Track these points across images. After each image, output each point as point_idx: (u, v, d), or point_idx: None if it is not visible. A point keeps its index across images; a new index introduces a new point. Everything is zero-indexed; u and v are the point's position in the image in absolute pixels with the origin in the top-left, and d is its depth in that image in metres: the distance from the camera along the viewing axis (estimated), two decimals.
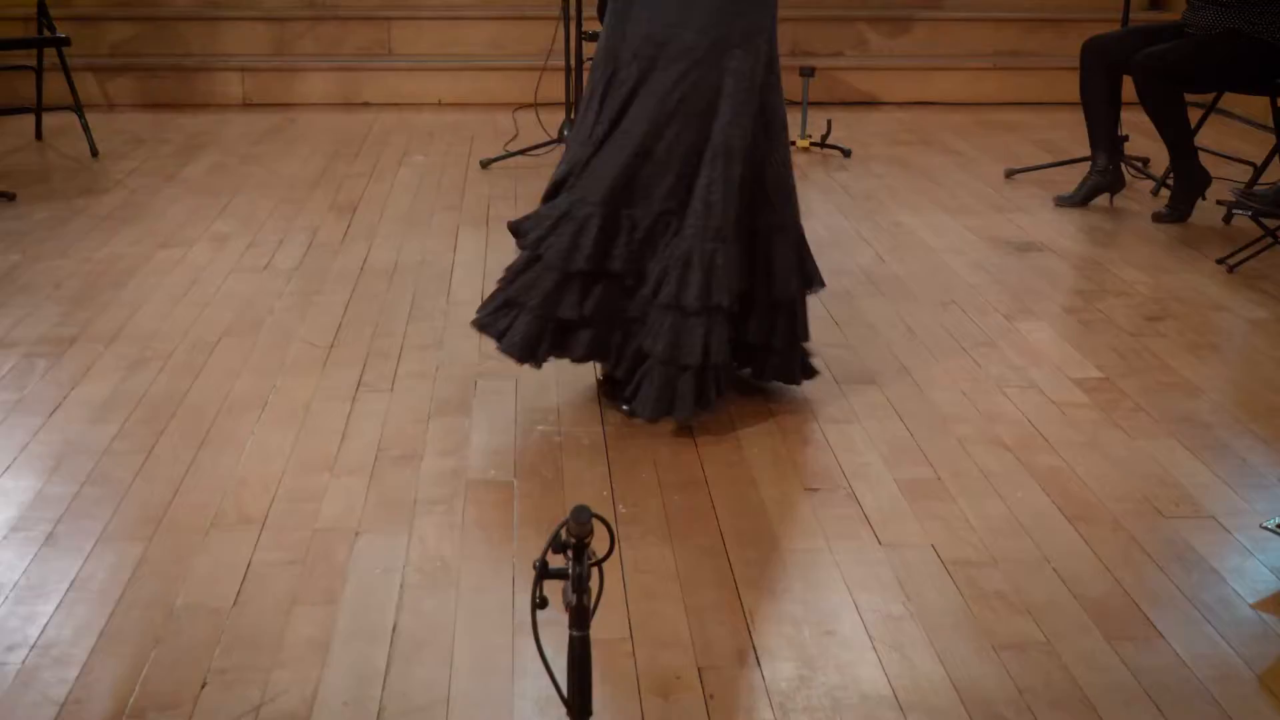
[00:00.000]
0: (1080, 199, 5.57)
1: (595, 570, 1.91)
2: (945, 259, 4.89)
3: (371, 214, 5.39)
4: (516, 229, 3.58)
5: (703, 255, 3.36)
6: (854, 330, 4.19)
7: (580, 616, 1.79)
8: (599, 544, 1.88)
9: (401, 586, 2.75)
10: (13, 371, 3.80)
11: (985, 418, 3.58)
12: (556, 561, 1.85)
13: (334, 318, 4.24)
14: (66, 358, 3.90)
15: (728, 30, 3.37)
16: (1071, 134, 6.58)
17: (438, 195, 5.68)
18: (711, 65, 3.38)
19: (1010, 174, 6.05)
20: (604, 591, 2.67)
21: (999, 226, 5.29)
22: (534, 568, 1.78)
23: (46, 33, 6.38)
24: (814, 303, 4.36)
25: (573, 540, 1.75)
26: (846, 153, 6.39)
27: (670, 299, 3.36)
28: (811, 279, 3.67)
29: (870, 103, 7.56)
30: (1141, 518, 3.06)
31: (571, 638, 1.82)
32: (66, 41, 6.32)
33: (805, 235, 3.66)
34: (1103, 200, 5.60)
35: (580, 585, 1.76)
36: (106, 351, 3.94)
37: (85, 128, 6.30)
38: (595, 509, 3.03)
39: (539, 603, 1.81)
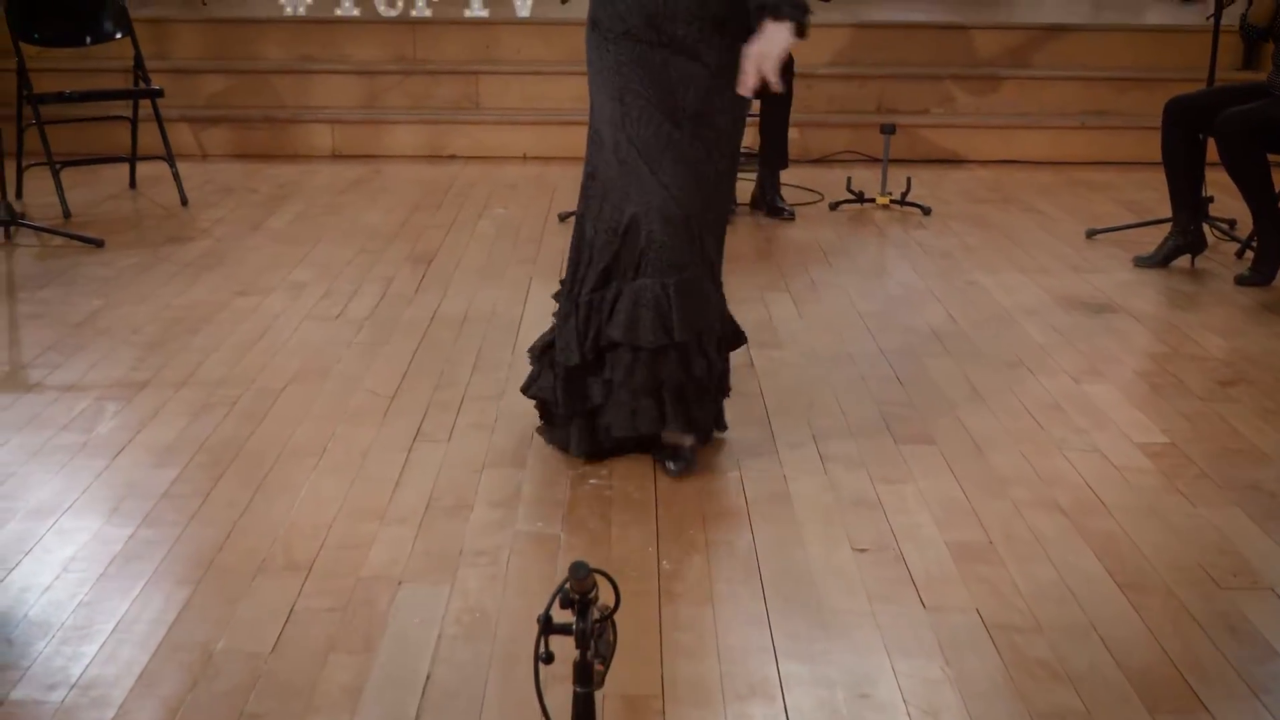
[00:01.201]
0: (1160, 260, 5.49)
1: (611, 625, 1.91)
2: (1017, 319, 4.84)
3: (447, 265, 5.45)
4: None
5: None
6: (917, 389, 4.15)
7: (584, 673, 1.79)
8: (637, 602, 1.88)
9: (439, 637, 2.76)
10: (83, 414, 3.89)
11: (1043, 481, 3.52)
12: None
13: (400, 367, 4.29)
14: (136, 402, 3.98)
15: None
16: (1159, 194, 6.46)
17: (514, 247, 5.74)
18: None
19: (1091, 234, 5.98)
20: (638, 648, 2.69)
21: (1075, 287, 5.23)
22: (537, 622, 1.78)
23: (142, 84, 6.55)
24: (878, 360, 4.37)
25: (576, 596, 1.75)
26: (926, 210, 6.36)
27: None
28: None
29: (955, 160, 7.52)
30: (1196, 587, 3.00)
31: (575, 694, 1.81)
32: (160, 93, 6.49)
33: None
34: (1184, 262, 5.52)
35: (583, 641, 1.75)
36: (175, 396, 4.02)
37: (176, 177, 6.45)
38: (639, 564, 3.06)
39: (544, 658, 1.81)
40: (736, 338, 3.73)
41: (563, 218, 6.16)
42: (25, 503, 3.33)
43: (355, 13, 8.02)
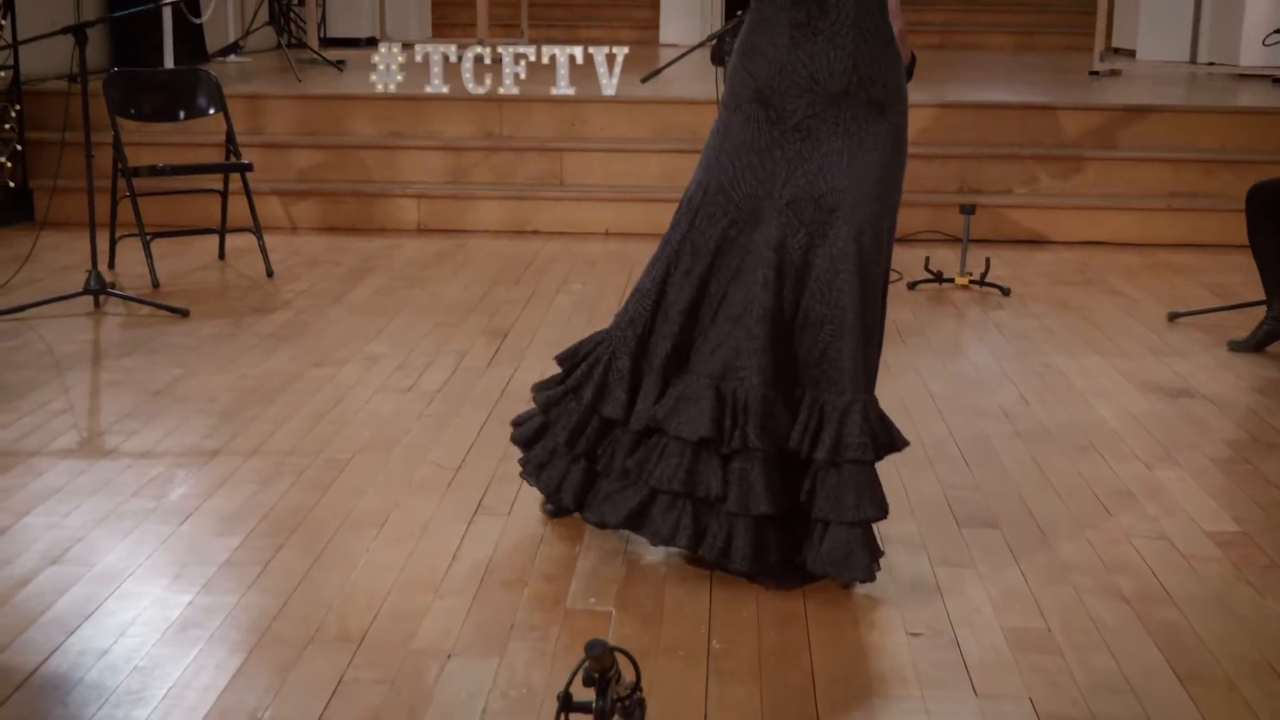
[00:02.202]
0: (1254, 344, 5.39)
1: (640, 704, 1.90)
2: (1092, 402, 4.78)
3: (522, 339, 5.50)
4: None
5: None
6: (983, 471, 4.11)
7: None
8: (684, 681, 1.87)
9: (484, 711, 2.76)
10: (154, 481, 3.96)
11: (1107, 568, 3.46)
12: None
13: (466, 440, 4.32)
14: (206, 470, 4.05)
15: None
16: (1247, 278, 6.37)
17: (589, 322, 5.77)
18: None
19: (1174, 317, 5.90)
20: None
21: (1154, 371, 5.16)
22: (557, 699, 1.78)
23: (233, 158, 6.71)
24: (945, 441, 4.33)
25: (596, 674, 1.74)
26: (1005, 291, 6.31)
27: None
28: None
29: (1038, 241, 7.47)
30: (1260, 680, 2.92)
31: None
32: (249, 167, 6.64)
33: None
34: (1277, 348, 5.42)
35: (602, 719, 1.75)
36: (244, 465, 4.08)
37: (263, 249, 6.59)
38: (690, 643, 3.04)
39: None
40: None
41: None
42: (91, 567, 3.39)
43: (444, 90, 8.17)
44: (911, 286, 6.40)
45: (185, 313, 5.77)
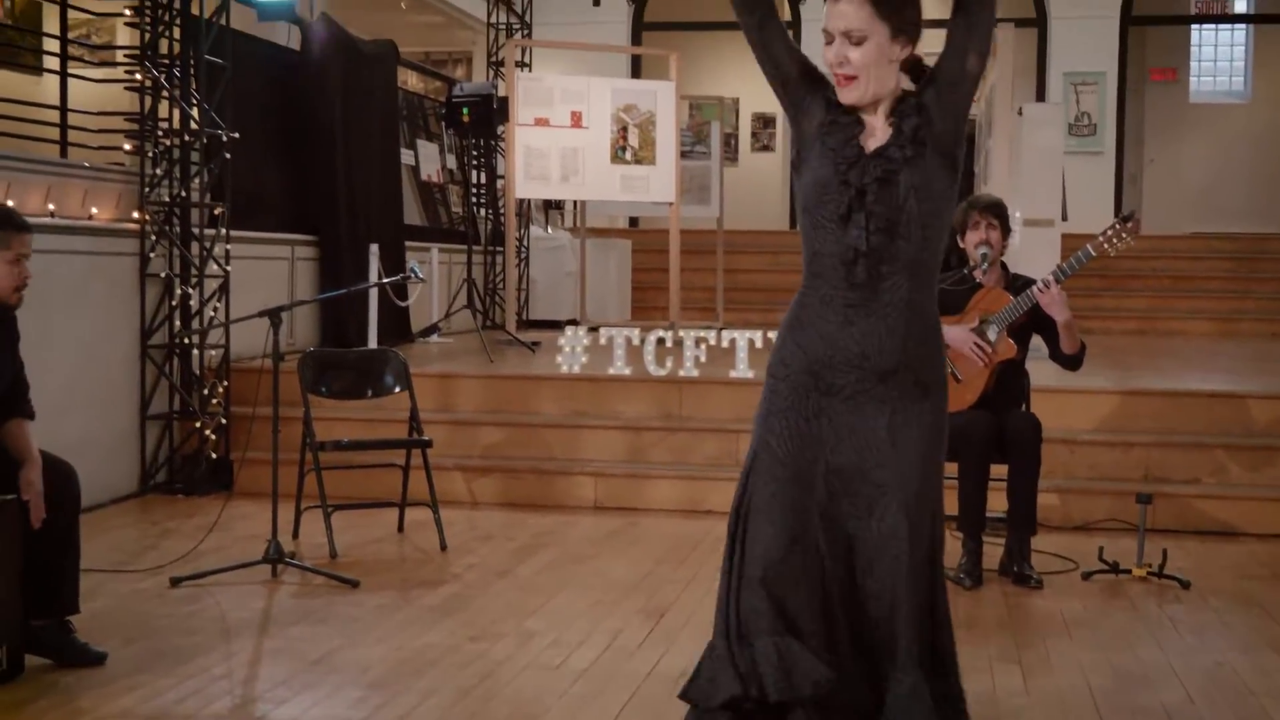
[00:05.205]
0: None
1: None
2: (1264, 704, 4.54)
3: (678, 620, 5.49)
4: None
5: None
6: None
7: None
8: None
9: None
10: None
11: None
12: None
13: None
14: None
15: None
16: None
17: None
18: None
19: None
20: None
21: None
22: None
23: (415, 435, 6.97)
24: None
25: None
26: (1185, 584, 6.09)
27: None
28: None
29: (1227, 533, 7.21)
30: None
31: None
32: (429, 443, 6.88)
33: None
34: None
35: None
36: None
37: (438, 523, 6.77)
38: None
39: None
40: None
41: None
42: None
43: (626, 371, 8.41)
44: (1086, 577, 6.22)
45: (356, 584, 5.94)
